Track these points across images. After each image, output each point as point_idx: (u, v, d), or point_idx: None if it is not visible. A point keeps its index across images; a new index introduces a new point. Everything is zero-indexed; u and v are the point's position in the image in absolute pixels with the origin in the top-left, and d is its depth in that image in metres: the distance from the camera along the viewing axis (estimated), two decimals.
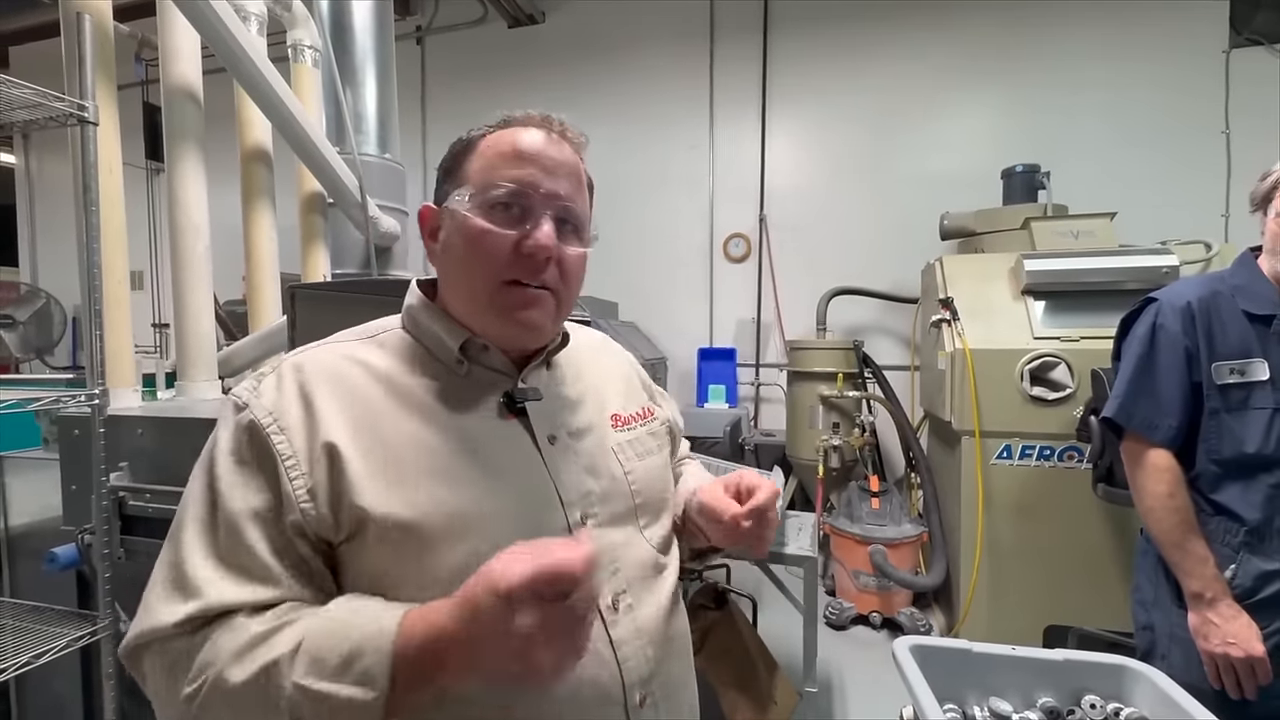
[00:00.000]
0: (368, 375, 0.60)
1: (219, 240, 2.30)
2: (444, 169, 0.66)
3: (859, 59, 3.82)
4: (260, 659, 0.48)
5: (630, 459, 0.70)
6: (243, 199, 2.07)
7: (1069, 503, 2.24)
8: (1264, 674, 1.08)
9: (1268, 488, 1.13)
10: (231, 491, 0.54)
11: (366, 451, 0.56)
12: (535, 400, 0.65)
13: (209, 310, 1.77)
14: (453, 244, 0.62)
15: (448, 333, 0.63)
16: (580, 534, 0.53)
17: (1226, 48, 3.30)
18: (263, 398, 0.57)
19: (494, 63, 4.53)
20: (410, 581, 0.54)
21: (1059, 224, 2.75)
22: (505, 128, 0.64)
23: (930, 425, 3.21)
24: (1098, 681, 0.92)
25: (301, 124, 1.87)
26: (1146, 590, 1.28)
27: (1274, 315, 1.16)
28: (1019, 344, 2.35)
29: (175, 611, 0.51)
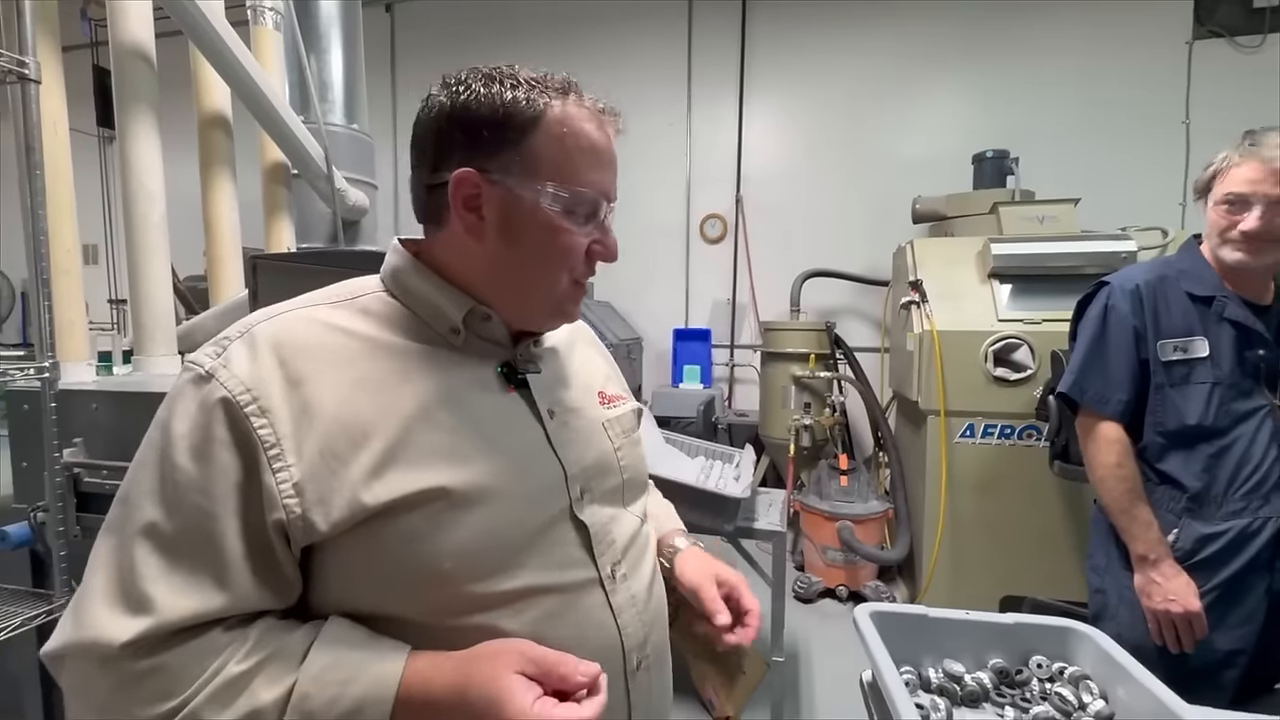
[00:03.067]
0: (355, 344, 0.54)
1: (178, 214, 2.21)
2: (489, 130, 0.55)
3: (836, 42, 3.82)
4: (242, 706, 0.45)
5: (618, 435, 0.70)
6: (201, 167, 1.99)
7: (1027, 479, 2.33)
8: (1200, 629, 1.16)
9: (1206, 457, 1.21)
10: (195, 484, 0.47)
11: (363, 432, 0.50)
12: (535, 373, 0.63)
13: (166, 281, 1.71)
14: (526, 238, 0.57)
15: (450, 300, 0.58)
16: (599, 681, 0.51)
17: (1189, 39, 3.39)
18: (234, 369, 0.49)
19: (467, 34, 4.40)
20: (408, 574, 0.51)
21: (1025, 209, 2.81)
22: (563, 97, 0.57)
23: (899, 405, 3.28)
24: (1045, 643, 0.97)
25: (263, 90, 1.80)
26: (1099, 557, 1.36)
27: (1214, 296, 1.23)
28: (984, 326, 2.41)
29: (123, 628, 0.45)
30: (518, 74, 0.57)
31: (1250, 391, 1.22)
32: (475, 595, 0.53)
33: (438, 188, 0.57)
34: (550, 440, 0.61)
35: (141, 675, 0.45)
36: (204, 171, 1.99)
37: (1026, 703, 0.90)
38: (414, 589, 0.52)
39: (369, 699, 0.47)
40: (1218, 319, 1.23)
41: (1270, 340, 1.22)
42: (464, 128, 0.56)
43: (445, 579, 0.52)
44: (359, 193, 2.26)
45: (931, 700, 0.89)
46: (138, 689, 0.45)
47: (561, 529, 0.60)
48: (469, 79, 0.57)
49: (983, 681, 0.93)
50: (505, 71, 0.58)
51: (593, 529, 0.61)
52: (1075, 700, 0.87)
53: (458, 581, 0.52)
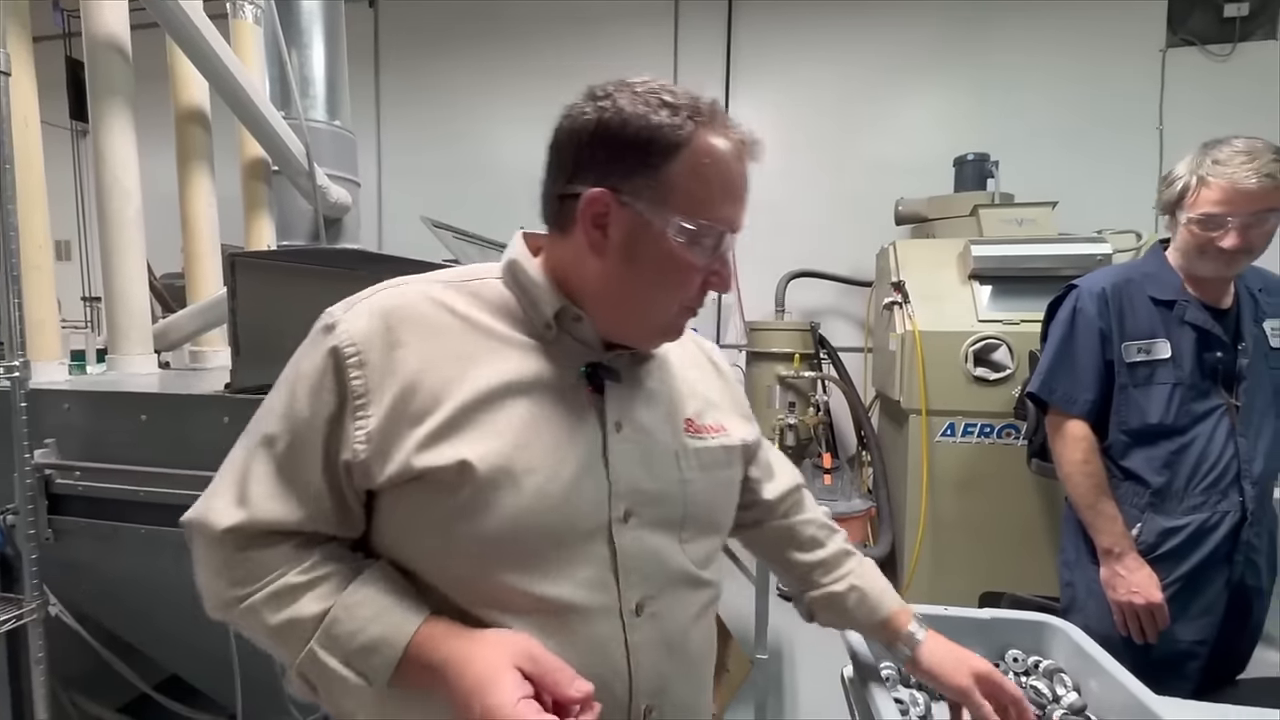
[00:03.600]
0: (454, 322, 0.59)
1: (155, 210, 2.17)
2: (625, 150, 0.56)
3: (820, 45, 3.85)
4: (289, 612, 0.54)
5: (693, 468, 0.65)
6: (178, 162, 1.96)
7: (1005, 477, 2.37)
8: (1162, 619, 1.21)
9: (1168, 454, 1.26)
10: (304, 414, 0.56)
11: (435, 400, 0.55)
12: (614, 381, 0.62)
13: (142, 279, 1.68)
14: (646, 261, 0.58)
15: (546, 297, 0.61)
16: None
17: (1163, 47, 3.47)
18: (351, 324, 0.56)
19: (452, 31, 4.37)
20: (437, 544, 0.56)
21: (1005, 212, 2.86)
22: (710, 126, 0.57)
23: (881, 404, 3.32)
24: (1020, 637, 0.99)
25: (242, 85, 1.77)
26: (1070, 551, 1.40)
27: (1175, 300, 1.28)
28: (965, 326, 2.45)
29: (226, 516, 0.55)
30: (665, 95, 0.57)
31: (1208, 392, 1.26)
32: (494, 587, 0.55)
33: (569, 198, 0.59)
34: (605, 452, 0.60)
35: (233, 562, 0.55)
36: (181, 167, 1.96)
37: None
38: (441, 560, 0.56)
39: (383, 641, 0.53)
40: (1179, 322, 1.27)
41: (1228, 343, 1.26)
42: (605, 146, 0.57)
43: (469, 560, 0.55)
44: (341, 190, 2.23)
45: (911, 695, 0.91)
46: (228, 572, 0.55)
47: (594, 546, 0.58)
48: (616, 95, 0.57)
49: None
50: (653, 90, 0.57)
51: (622, 554, 0.59)
52: (1049, 693, 0.89)
53: (480, 567, 0.55)
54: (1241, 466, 1.24)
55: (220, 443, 1.21)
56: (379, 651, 0.53)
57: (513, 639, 0.53)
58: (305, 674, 0.54)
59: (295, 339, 0.61)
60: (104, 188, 1.63)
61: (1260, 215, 1.17)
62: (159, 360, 1.81)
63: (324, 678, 0.53)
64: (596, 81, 0.60)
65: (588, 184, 0.57)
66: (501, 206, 4.30)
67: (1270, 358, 1.30)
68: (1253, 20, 3.39)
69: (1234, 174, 1.16)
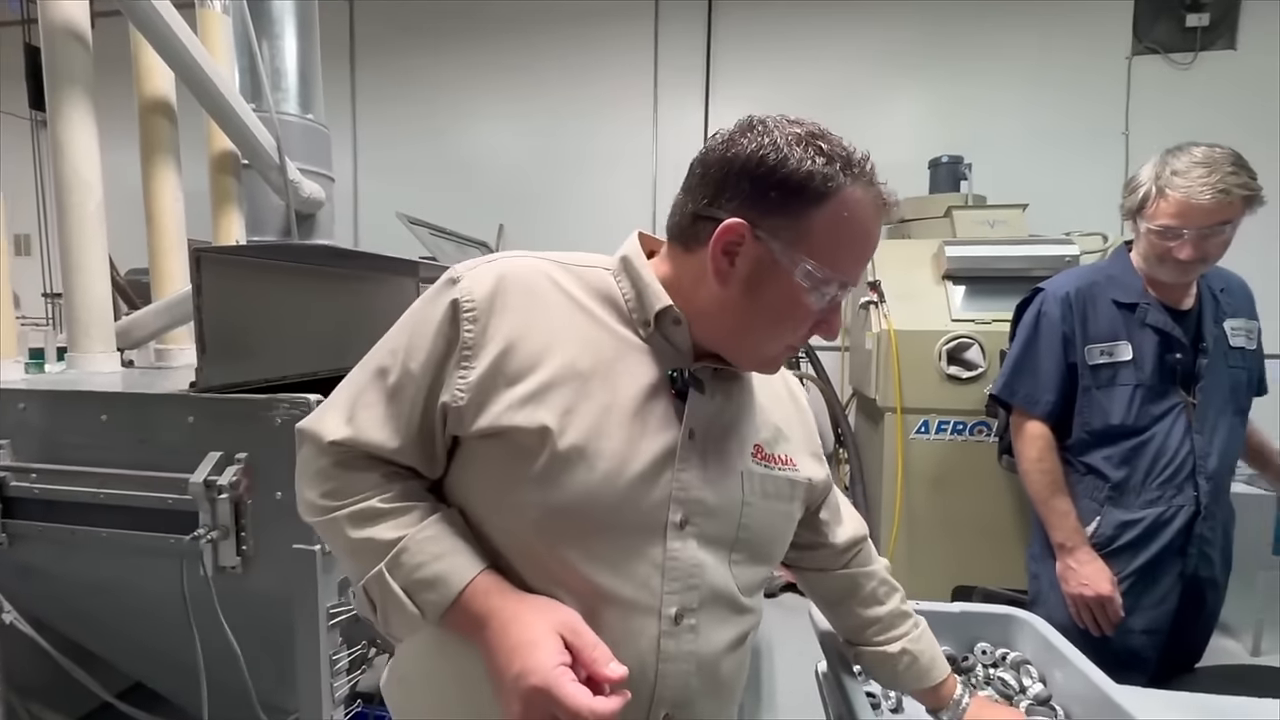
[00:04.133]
0: (562, 299, 0.63)
1: (120, 204, 2.10)
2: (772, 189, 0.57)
3: (800, 48, 3.88)
4: (368, 531, 0.58)
5: (754, 493, 0.66)
6: (142, 155, 1.90)
7: (978, 474, 2.42)
8: (1114, 612, 1.24)
9: (1127, 450, 1.30)
10: (417, 352, 0.60)
11: (531, 367, 0.58)
12: (698, 391, 0.63)
13: (103, 274, 1.62)
14: (766, 297, 0.59)
15: (654, 295, 0.63)
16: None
17: (1129, 55, 3.57)
18: (472, 281, 0.60)
19: (429, 28, 4.31)
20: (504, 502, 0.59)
21: (978, 213, 2.91)
22: (865, 185, 0.59)
23: (858, 403, 3.36)
24: (988, 630, 1.01)
25: (210, 77, 1.72)
26: (1036, 546, 1.45)
27: (1137, 303, 1.31)
28: (938, 325, 2.49)
29: (334, 430, 0.61)
30: (822, 142, 0.58)
31: (1167, 392, 1.29)
32: (550, 559, 0.58)
33: (705, 219, 0.60)
34: (676, 455, 0.61)
35: (329, 474, 0.61)
36: (145, 160, 1.90)
37: (972, 687, 0.94)
38: (506, 520, 0.60)
39: (443, 578, 0.57)
40: (1140, 324, 1.30)
41: (1187, 344, 1.29)
42: (754, 181, 0.57)
43: (530, 526, 0.58)
44: (314, 185, 2.18)
45: (883, 689, 0.92)
46: (322, 483, 0.61)
47: (649, 546, 0.60)
48: (776, 132, 0.58)
49: None
50: (813, 134, 0.59)
51: (671, 559, 0.60)
52: (1016, 684, 0.91)
53: (540, 536, 0.58)
54: (1197, 462, 1.28)
55: (185, 443, 1.19)
56: (435, 588, 0.56)
57: (559, 608, 0.56)
58: (369, 591, 0.58)
59: (265, 336, 0.62)
60: (63, 180, 1.58)
61: (1214, 228, 1.19)
62: (122, 358, 1.75)
63: (385, 599, 0.58)
64: (576, 80, 0.63)
65: (728, 212, 0.58)
66: (479, 203, 4.28)
67: (1229, 356, 1.33)
68: (1213, 30, 3.50)
69: (1189, 188, 1.18)
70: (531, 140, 4.25)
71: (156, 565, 1.19)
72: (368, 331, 0.69)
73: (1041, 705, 0.87)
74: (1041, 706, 0.87)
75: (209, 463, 1.12)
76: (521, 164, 4.26)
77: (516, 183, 4.25)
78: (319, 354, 1.55)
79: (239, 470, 1.11)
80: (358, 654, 1.24)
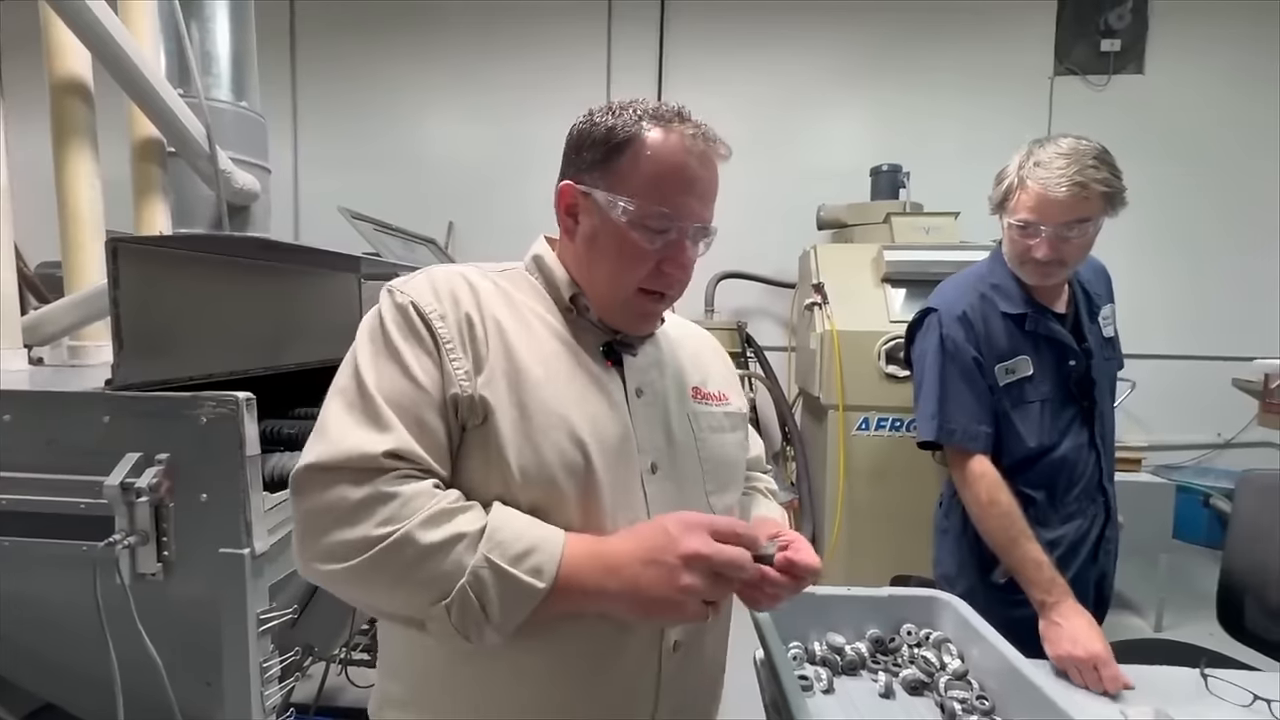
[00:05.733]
0: (500, 295, 0.69)
1: (28, 191, 1.95)
2: (590, 149, 0.67)
3: (751, 51, 3.98)
4: (450, 529, 0.56)
5: (702, 429, 0.76)
6: (54, 139, 1.77)
7: (915, 468, 2.52)
8: (1112, 677, 0.99)
9: (1043, 469, 1.23)
10: (407, 353, 0.62)
11: (498, 353, 0.64)
12: (630, 355, 0.72)
13: (8, 264, 1.51)
14: (601, 242, 0.67)
15: (563, 284, 0.71)
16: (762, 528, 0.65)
17: (1051, 75, 3.82)
18: (418, 288, 0.65)
19: (376, 17, 4.18)
20: (508, 473, 0.61)
21: (914, 220, 3.06)
22: (665, 125, 0.65)
23: (804, 401, 3.47)
24: (914, 612, 1.07)
25: (130, 57, 1.63)
26: (948, 565, 1.33)
27: (1025, 314, 1.23)
28: (878, 326, 2.60)
29: (379, 441, 0.58)
30: (630, 106, 0.67)
31: (1067, 402, 1.24)
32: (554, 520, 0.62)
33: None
34: (630, 413, 0.69)
35: (385, 494, 0.57)
36: (57, 144, 1.77)
37: (897, 667, 0.99)
38: (504, 495, 0.62)
39: (544, 540, 0.59)
40: (1033, 335, 1.23)
41: (1079, 350, 1.24)
42: (575, 149, 0.69)
43: (522, 497, 0.62)
44: (248, 176, 2.08)
45: (815, 671, 0.96)
46: (380, 505, 0.56)
47: (631, 496, 0.67)
48: (600, 110, 0.69)
49: (860, 651, 1.01)
50: (626, 103, 0.68)
51: (653, 502, 0.68)
52: (937, 661, 0.97)
53: (532, 506, 0.62)
54: (1103, 468, 1.26)
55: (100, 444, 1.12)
56: (542, 549, 0.58)
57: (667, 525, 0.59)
58: (471, 586, 0.55)
59: (190, 331, 0.59)
60: None
61: (1072, 225, 1.11)
62: (30, 356, 1.63)
63: (496, 582, 0.56)
64: (528, 76, 0.69)
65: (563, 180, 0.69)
66: (426, 199, 4.18)
67: (1104, 349, 1.28)
68: (1124, 55, 3.79)
69: (1046, 179, 1.10)
70: (483, 138, 4.19)
71: (67, 575, 1.12)
72: (306, 328, 0.68)
73: (959, 680, 0.93)
74: (959, 681, 0.93)
75: (126, 464, 1.06)
76: (472, 161, 4.19)
77: (467, 180, 4.17)
78: (251, 352, 1.49)
79: (160, 472, 1.06)
80: (291, 661, 1.20)
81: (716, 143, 0.68)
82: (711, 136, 0.67)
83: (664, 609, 0.57)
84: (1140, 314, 3.69)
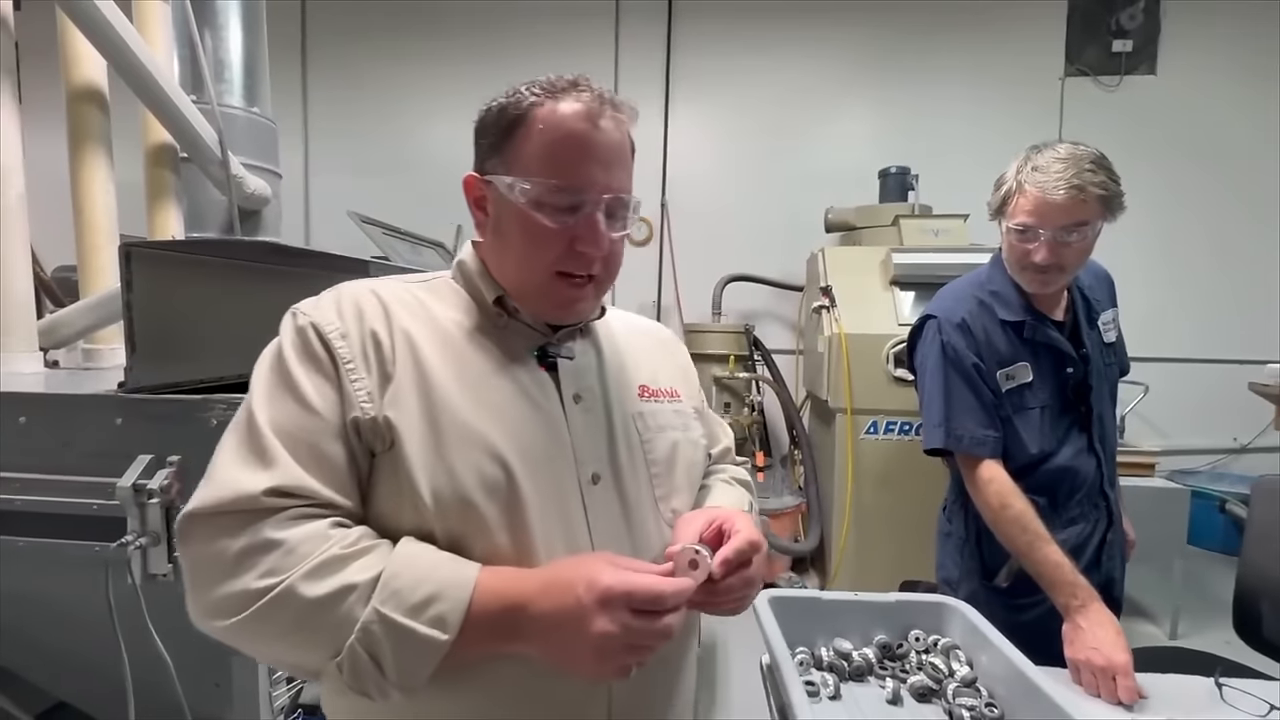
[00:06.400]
0: (415, 307, 0.65)
1: (46, 196, 1.98)
2: (488, 135, 0.64)
3: (757, 56, 3.97)
4: (338, 580, 0.51)
5: (649, 429, 0.71)
6: (70, 145, 1.80)
7: (923, 473, 2.51)
8: (1128, 689, 0.96)
9: (1044, 475, 1.23)
10: (304, 380, 0.58)
11: (407, 371, 0.60)
12: (566, 358, 0.68)
13: (25, 269, 1.53)
14: (506, 229, 0.64)
15: (486, 288, 0.67)
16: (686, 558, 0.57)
17: (1061, 76, 3.79)
18: (321, 308, 0.62)
19: (385, 23, 4.22)
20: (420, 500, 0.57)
21: (923, 222, 3.04)
22: (556, 96, 0.61)
23: (811, 404, 3.45)
24: (922, 618, 1.06)
25: (145, 65, 1.65)
26: (950, 570, 1.33)
27: (1024, 321, 1.22)
28: (886, 329, 2.59)
29: (259, 480, 0.53)
30: (533, 83, 0.63)
31: (1065, 408, 1.24)
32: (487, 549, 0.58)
33: None
34: (567, 421, 0.65)
35: (266, 545, 0.51)
36: (73, 150, 1.80)
37: (905, 673, 0.98)
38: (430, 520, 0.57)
39: (451, 582, 0.53)
40: (1032, 343, 1.23)
41: (1076, 357, 1.23)
42: (478, 136, 0.66)
43: (452, 519, 0.57)
44: (260, 181, 2.11)
45: (821, 677, 0.95)
46: (263, 554, 0.51)
47: (569, 510, 0.62)
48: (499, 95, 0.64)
49: (868, 656, 1.00)
50: (525, 82, 0.63)
51: (594, 516, 0.63)
52: (945, 668, 0.96)
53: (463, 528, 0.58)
54: (1104, 473, 1.26)
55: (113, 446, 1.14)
56: (446, 596, 0.52)
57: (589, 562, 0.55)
58: (364, 643, 0.50)
59: (201, 335, 0.60)
60: None
61: (1068, 230, 1.12)
62: (46, 359, 1.66)
63: (390, 639, 0.50)
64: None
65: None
66: (435, 203, 4.20)
67: (1105, 354, 1.28)
68: (1136, 56, 3.75)
69: (1044, 182, 1.11)
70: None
71: (80, 575, 1.13)
72: None
73: (968, 687, 0.92)
74: (968, 688, 0.92)
75: (138, 466, 1.07)
76: None
77: None
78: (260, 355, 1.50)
79: (171, 473, 1.07)
80: None
81: (618, 106, 0.63)
82: (611, 99, 0.63)
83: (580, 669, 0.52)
84: (1155, 317, 3.66)
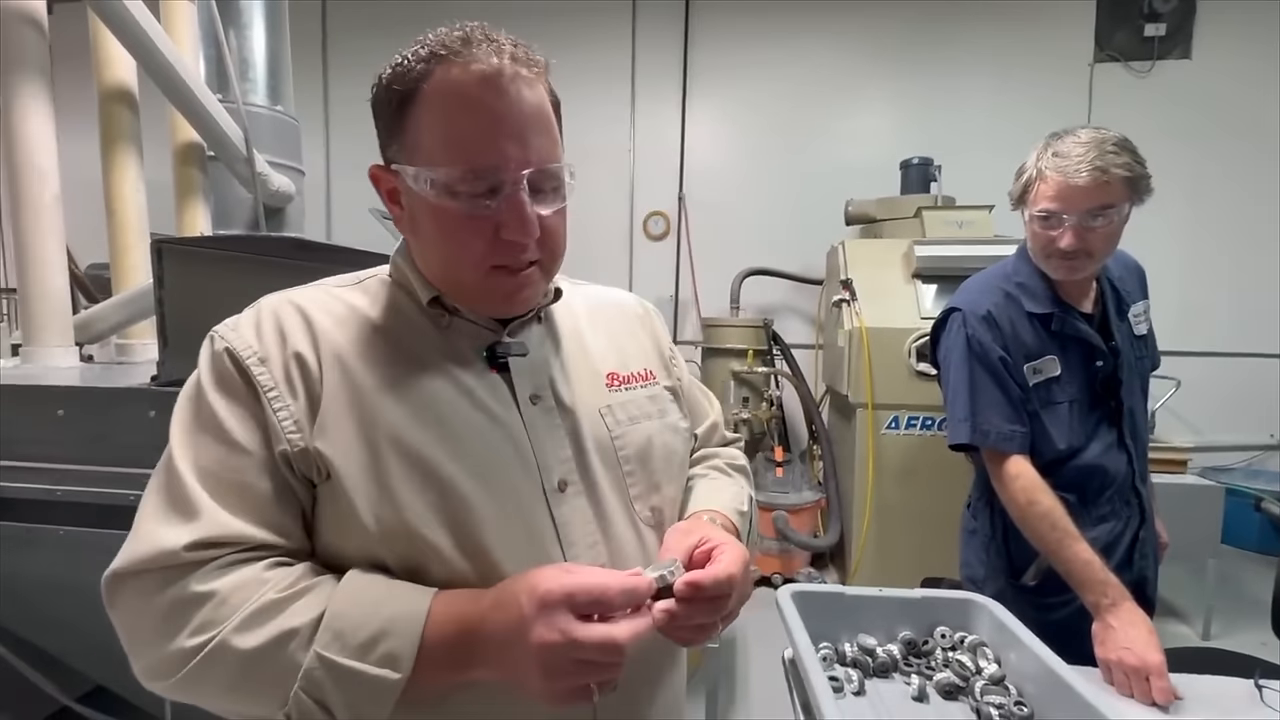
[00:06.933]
0: (346, 316, 0.58)
1: (79, 195, 2.04)
2: (381, 116, 0.56)
3: (776, 48, 3.93)
4: (275, 627, 0.47)
5: (619, 423, 0.64)
6: (102, 145, 1.85)
7: (946, 468, 2.47)
8: (1163, 690, 0.94)
9: (1073, 471, 1.20)
10: (223, 413, 0.53)
11: (338, 391, 0.54)
12: (519, 355, 0.60)
13: (60, 266, 1.58)
14: (421, 225, 0.55)
15: (420, 288, 0.59)
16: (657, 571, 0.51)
17: (1090, 62, 3.68)
18: (240, 330, 0.56)
19: (404, 20, 4.24)
20: (364, 530, 0.52)
21: (946, 214, 2.98)
22: (446, 62, 0.52)
23: (831, 399, 3.42)
24: (948, 614, 1.04)
25: (174, 66, 1.69)
26: (976, 569, 1.31)
27: (1052, 313, 1.19)
28: (908, 323, 2.55)
29: (180, 534, 0.48)
30: (420, 46, 0.54)
31: (1095, 403, 1.21)
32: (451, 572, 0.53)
33: None
34: (525, 426, 0.58)
35: (195, 600, 0.47)
36: (105, 150, 1.85)
37: (931, 670, 0.96)
38: (386, 547, 0.52)
39: (400, 616, 0.48)
40: (1060, 335, 1.20)
41: (1105, 350, 1.20)
42: (375, 117, 0.57)
43: (397, 547, 0.52)
44: (283, 178, 2.15)
45: (845, 672, 0.94)
46: (191, 609, 0.47)
47: (535, 520, 0.56)
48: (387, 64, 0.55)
49: (893, 653, 0.98)
50: (413, 44, 0.54)
51: (562, 525, 0.57)
52: (973, 666, 0.94)
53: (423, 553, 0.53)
54: (1135, 469, 1.23)
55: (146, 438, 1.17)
56: (395, 632, 0.47)
57: (536, 570, 0.50)
58: (310, 692, 0.46)
59: None
60: (16, 168, 1.53)
61: (1093, 213, 1.08)
62: (81, 353, 1.71)
63: (338, 685, 0.46)
64: (553, 76, 0.58)
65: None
66: None
67: (1136, 347, 1.26)
68: (1170, 40, 3.63)
69: (1065, 166, 1.08)
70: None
71: None
72: None
73: (996, 685, 0.90)
74: (996, 686, 0.90)
75: None
76: None
77: None
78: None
79: None
80: None
81: (525, 60, 0.54)
82: (513, 52, 0.53)
83: (532, 692, 0.47)
84: (1189, 309, 3.55)
